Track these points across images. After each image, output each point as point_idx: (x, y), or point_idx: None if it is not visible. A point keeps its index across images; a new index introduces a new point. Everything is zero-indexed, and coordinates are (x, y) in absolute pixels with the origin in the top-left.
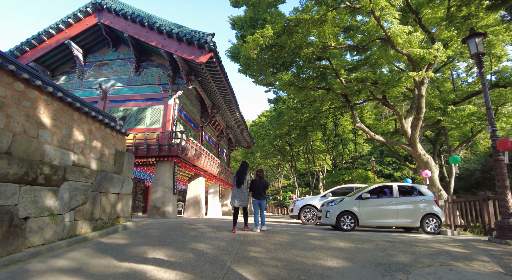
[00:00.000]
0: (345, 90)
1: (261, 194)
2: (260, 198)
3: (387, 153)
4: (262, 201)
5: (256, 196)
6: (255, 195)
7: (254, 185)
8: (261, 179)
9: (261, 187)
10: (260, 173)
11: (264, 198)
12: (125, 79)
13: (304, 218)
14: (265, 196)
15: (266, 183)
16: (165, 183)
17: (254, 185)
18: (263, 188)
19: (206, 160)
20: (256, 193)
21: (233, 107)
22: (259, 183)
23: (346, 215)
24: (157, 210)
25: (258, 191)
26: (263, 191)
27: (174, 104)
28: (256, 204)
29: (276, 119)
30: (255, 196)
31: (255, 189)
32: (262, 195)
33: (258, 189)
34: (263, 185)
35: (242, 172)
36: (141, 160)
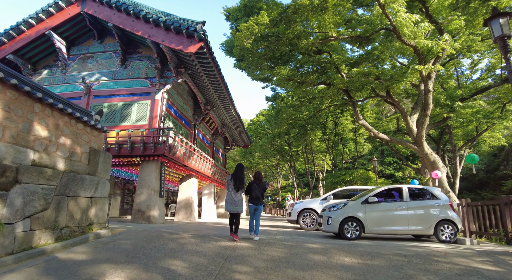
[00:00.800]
0: (347, 85)
1: (258, 198)
2: (257, 203)
3: (388, 152)
4: (259, 207)
5: (253, 201)
6: (252, 200)
7: (251, 188)
8: (259, 182)
9: (258, 191)
10: (259, 175)
11: (261, 203)
12: (110, 73)
13: (303, 223)
14: (262, 201)
15: (264, 187)
16: (151, 184)
17: (252, 189)
18: (262, 192)
19: (199, 160)
20: (253, 198)
21: (228, 104)
22: (257, 186)
23: (350, 221)
24: (141, 214)
25: (256, 196)
26: (261, 195)
27: (162, 99)
28: (252, 209)
29: (274, 117)
30: (252, 201)
31: (253, 193)
32: (260, 200)
33: (255, 193)
34: (261, 189)
35: (241, 174)
36: (125, 159)
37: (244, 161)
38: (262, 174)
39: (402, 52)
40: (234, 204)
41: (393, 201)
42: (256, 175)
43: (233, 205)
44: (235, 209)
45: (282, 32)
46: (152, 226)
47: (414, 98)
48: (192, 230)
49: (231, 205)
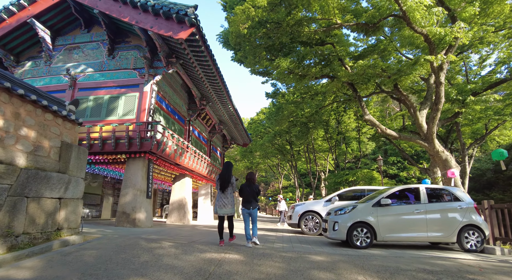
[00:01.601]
0: (352, 78)
1: (251, 202)
2: (249, 207)
3: (391, 152)
4: (252, 211)
5: (245, 205)
6: (245, 204)
7: (243, 191)
8: (251, 184)
9: (251, 194)
10: (250, 177)
11: (255, 206)
12: (97, 64)
13: (305, 227)
14: (256, 204)
15: (257, 189)
16: (137, 184)
17: (243, 192)
18: (254, 195)
19: (193, 158)
20: (245, 201)
21: (225, 98)
22: (249, 188)
23: (360, 227)
24: (126, 217)
25: (248, 199)
26: (253, 198)
27: (151, 91)
28: (246, 214)
29: (274, 115)
30: (244, 205)
31: (245, 196)
32: (253, 203)
33: (247, 197)
34: (253, 192)
35: (226, 173)
36: (110, 157)
37: (245, 160)
38: (255, 175)
39: (411, 42)
40: (222, 206)
41: (409, 203)
42: (247, 176)
43: (222, 207)
44: (223, 211)
45: (282, 19)
46: (136, 231)
47: (422, 94)
48: (179, 236)
49: (219, 207)
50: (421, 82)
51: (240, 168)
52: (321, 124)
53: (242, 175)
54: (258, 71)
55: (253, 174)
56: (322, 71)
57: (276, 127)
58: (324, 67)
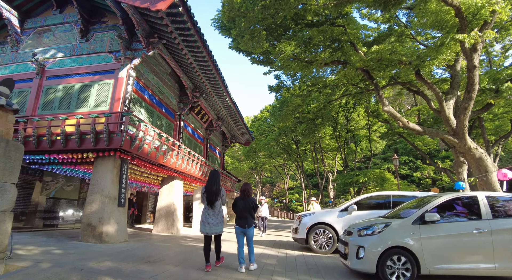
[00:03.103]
0: (368, 64)
1: (246, 219)
2: (244, 224)
3: (402, 151)
4: (248, 229)
5: (239, 222)
6: (239, 221)
7: (237, 206)
8: (246, 198)
9: (246, 209)
10: (245, 188)
11: (251, 224)
12: (68, 48)
13: (315, 243)
14: (252, 221)
15: (254, 203)
16: (105, 189)
17: (237, 206)
18: (250, 210)
19: (182, 158)
20: (239, 218)
21: (220, 89)
22: (244, 202)
23: (396, 254)
24: (91, 230)
25: (242, 215)
26: (249, 214)
27: (127, 77)
28: (240, 233)
29: (278, 110)
30: (238, 222)
31: (239, 211)
32: (248, 220)
33: (242, 212)
34: (249, 206)
35: (214, 184)
36: (75, 155)
37: (249, 160)
38: (250, 187)
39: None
40: (209, 224)
41: (463, 219)
42: (242, 188)
43: (207, 224)
44: (209, 230)
45: None
46: (98, 250)
47: (442, 86)
48: (152, 258)
49: (205, 224)
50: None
51: (244, 168)
52: (329, 121)
53: (246, 176)
54: (259, 60)
55: (249, 185)
56: (332, 56)
57: (280, 124)
58: (334, 52)
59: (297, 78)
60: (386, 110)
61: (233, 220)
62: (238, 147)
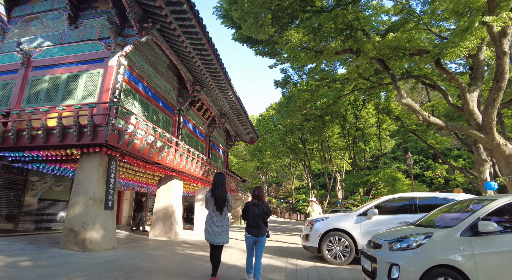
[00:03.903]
0: (383, 52)
1: (259, 227)
2: (257, 233)
3: (412, 150)
4: (260, 239)
5: (251, 230)
6: (251, 229)
7: (248, 212)
8: (259, 203)
9: (259, 216)
10: (258, 193)
11: (264, 233)
12: (56, 36)
13: (329, 252)
14: (266, 230)
15: (267, 209)
16: (90, 190)
17: (249, 213)
18: (264, 217)
19: (181, 156)
20: (250, 226)
21: (222, 82)
22: (257, 208)
23: (442, 276)
24: (74, 236)
25: (255, 222)
26: (263, 221)
27: (117, 65)
28: (251, 242)
29: (285, 105)
30: (250, 230)
31: (251, 218)
32: (262, 228)
33: (254, 219)
34: (263, 213)
35: (220, 188)
36: (58, 152)
37: (255, 160)
38: (263, 191)
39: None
40: (214, 232)
41: None
42: (254, 192)
43: (212, 233)
44: (214, 238)
45: None
46: (76, 261)
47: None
48: (137, 273)
49: (210, 232)
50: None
51: (249, 168)
52: (338, 118)
53: (252, 176)
54: (264, 51)
55: (261, 189)
56: (344, 45)
57: (287, 120)
58: (346, 40)
59: (305, 73)
60: (404, 102)
61: (238, 222)
62: (244, 146)
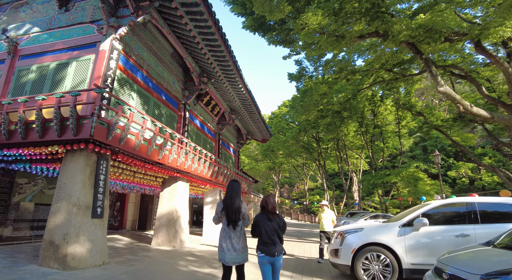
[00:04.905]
0: (415, 33)
1: (275, 244)
2: (273, 252)
3: (432, 148)
4: (277, 258)
5: (265, 249)
6: (265, 247)
7: (259, 226)
8: (271, 215)
9: (274, 232)
10: (270, 203)
11: (281, 251)
12: (45, 21)
13: (365, 273)
14: (282, 247)
15: (282, 223)
16: (73, 195)
17: (260, 227)
18: (279, 232)
19: (186, 155)
20: (264, 243)
21: (232, 73)
22: (270, 222)
23: None
24: (54, 250)
25: (269, 239)
26: (277, 237)
27: (110, 49)
28: (265, 263)
29: (300, 100)
30: (264, 249)
31: (264, 234)
32: (278, 246)
33: (269, 235)
34: (278, 227)
35: (234, 198)
36: (40, 150)
37: (267, 160)
38: (274, 199)
39: None
40: (230, 251)
41: None
42: (264, 202)
43: (227, 251)
44: (232, 258)
45: None
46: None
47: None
48: None
49: (225, 251)
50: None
51: (261, 168)
52: (357, 114)
53: (264, 176)
54: (277, 40)
55: (273, 198)
56: (369, 27)
57: (302, 116)
58: (372, 21)
59: (321, 65)
60: (442, 90)
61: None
62: (255, 146)
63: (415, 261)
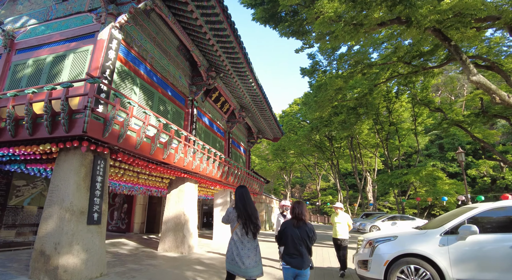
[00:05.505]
0: (444, 16)
1: (302, 256)
2: (300, 265)
3: (449, 146)
4: (303, 272)
5: (291, 260)
6: (290, 258)
7: (287, 235)
8: (299, 223)
9: (302, 241)
10: (298, 210)
11: (308, 264)
12: (42, 13)
13: None
14: (310, 260)
15: (312, 232)
16: (66, 199)
17: (287, 236)
18: (307, 242)
19: (194, 154)
20: (290, 254)
21: (243, 67)
22: (298, 230)
23: None
24: (45, 261)
25: (296, 250)
26: (306, 249)
27: (109, 39)
28: (290, 276)
29: (314, 95)
30: (289, 260)
31: (291, 244)
32: (305, 258)
33: (296, 245)
34: (307, 236)
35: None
36: (31, 148)
37: (278, 160)
38: (305, 207)
39: None
40: (244, 263)
41: None
42: (295, 209)
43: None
44: (245, 271)
45: None
46: None
47: None
48: None
49: (237, 262)
50: None
51: (272, 168)
52: (373, 110)
53: (275, 177)
54: (289, 31)
55: (303, 205)
56: (392, 13)
57: (316, 113)
58: (393, 6)
59: (335, 58)
60: (475, 80)
61: (262, 228)
62: (265, 146)
63: (462, 276)
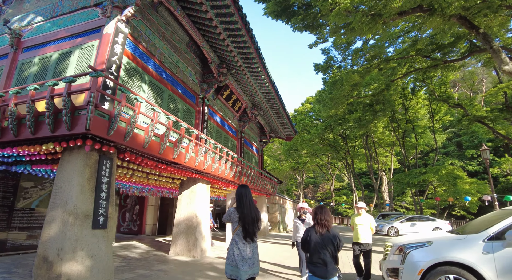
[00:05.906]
0: (470, 3)
1: (326, 265)
2: (325, 274)
3: (468, 144)
4: None
5: (316, 269)
6: (314, 267)
7: (310, 242)
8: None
9: (327, 250)
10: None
11: (335, 273)
12: (48, 10)
13: None
14: (336, 269)
15: (337, 239)
16: (70, 201)
17: (312, 243)
18: (332, 252)
19: (205, 153)
20: (314, 263)
21: (255, 62)
22: (323, 239)
23: None
24: (48, 268)
25: (320, 259)
26: (332, 257)
27: (115, 33)
28: None
29: (329, 92)
30: (314, 270)
31: (314, 252)
32: (330, 267)
33: (320, 254)
34: (333, 245)
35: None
36: (34, 148)
37: (290, 160)
38: (329, 213)
39: None
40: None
41: None
42: (317, 215)
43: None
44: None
45: None
46: None
47: None
48: None
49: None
50: None
51: (284, 168)
52: (390, 107)
53: (287, 177)
54: (303, 25)
55: (327, 211)
56: (411, 2)
57: (331, 111)
58: None
59: (350, 54)
60: (507, 69)
61: (275, 229)
62: (277, 146)
63: None
